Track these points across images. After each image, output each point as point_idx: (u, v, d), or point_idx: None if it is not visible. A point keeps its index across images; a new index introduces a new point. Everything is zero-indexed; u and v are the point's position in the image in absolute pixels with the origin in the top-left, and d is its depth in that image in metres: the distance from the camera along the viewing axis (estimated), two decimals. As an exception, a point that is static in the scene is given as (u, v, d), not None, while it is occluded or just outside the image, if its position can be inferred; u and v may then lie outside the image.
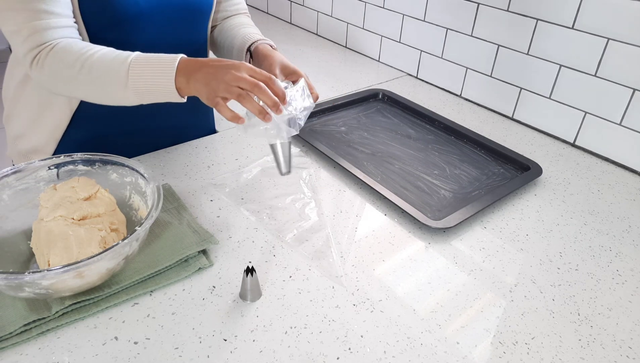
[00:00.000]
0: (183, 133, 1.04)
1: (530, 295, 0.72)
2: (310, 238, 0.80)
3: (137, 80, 0.73)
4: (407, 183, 0.96)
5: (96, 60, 0.73)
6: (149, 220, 0.65)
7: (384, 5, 1.46)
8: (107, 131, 0.93)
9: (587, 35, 1.04)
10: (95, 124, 0.91)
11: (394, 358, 0.62)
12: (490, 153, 1.06)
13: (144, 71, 0.73)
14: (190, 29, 0.93)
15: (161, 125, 0.98)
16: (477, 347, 0.64)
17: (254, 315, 0.66)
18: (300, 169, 0.97)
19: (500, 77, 1.24)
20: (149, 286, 0.68)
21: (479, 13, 1.22)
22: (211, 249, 0.76)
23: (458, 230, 0.84)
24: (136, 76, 0.72)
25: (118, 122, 0.92)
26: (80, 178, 0.74)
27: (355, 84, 1.38)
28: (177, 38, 0.91)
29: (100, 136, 0.92)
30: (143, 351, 0.61)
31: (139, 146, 0.98)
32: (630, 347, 0.65)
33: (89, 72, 0.73)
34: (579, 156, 1.10)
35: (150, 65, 0.73)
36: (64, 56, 0.73)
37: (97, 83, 0.74)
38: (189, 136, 1.05)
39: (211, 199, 0.87)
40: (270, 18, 1.93)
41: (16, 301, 0.63)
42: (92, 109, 0.89)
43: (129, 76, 0.72)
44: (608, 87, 1.04)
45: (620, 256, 0.81)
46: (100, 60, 0.73)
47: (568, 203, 0.93)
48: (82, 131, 0.91)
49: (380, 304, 0.69)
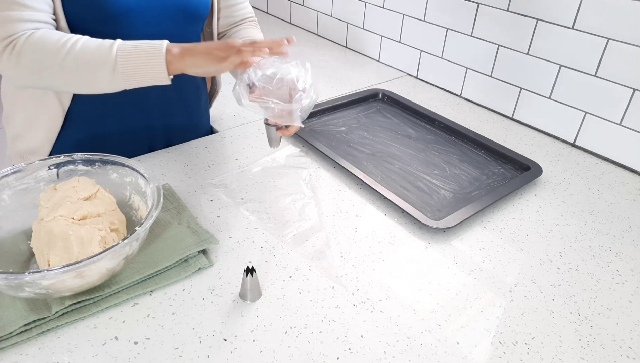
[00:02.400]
0: (177, 135, 1.03)
1: (530, 295, 0.72)
2: (310, 238, 0.80)
3: (126, 63, 0.73)
4: (407, 183, 0.96)
5: (80, 46, 0.73)
6: (149, 220, 0.65)
7: (384, 5, 1.46)
8: (101, 130, 0.92)
9: (587, 35, 1.04)
10: (89, 125, 0.91)
11: (394, 358, 0.62)
12: (490, 153, 1.06)
13: (132, 53, 0.73)
14: (181, 33, 0.90)
15: (155, 125, 0.98)
16: (477, 347, 0.64)
17: (254, 315, 0.66)
18: (300, 169, 0.98)
19: (500, 77, 1.24)
20: (149, 286, 0.68)
21: (479, 13, 1.22)
22: (211, 249, 0.76)
23: (458, 230, 0.84)
24: (125, 58, 0.73)
25: (112, 122, 0.92)
26: (81, 178, 0.74)
27: (355, 84, 1.38)
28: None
29: (95, 136, 0.92)
30: (143, 351, 0.61)
31: (134, 147, 0.97)
32: (630, 347, 0.65)
33: (74, 58, 0.73)
34: (579, 156, 1.10)
35: (137, 48, 0.74)
36: (45, 44, 0.72)
37: (83, 69, 0.74)
38: (183, 137, 1.04)
39: (211, 199, 0.87)
40: (270, 18, 1.93)
41: (16, 301, 0.63)
42: (85, 109, 0.88)
43: (116, 60, 0.72)
44: (608, 87, 1.04)
45: (620, 256, 0.81)
46: (85, 45, 0.73)
47: (568, 203, 0.93)
48: (76, 131, 0.91)
49: (380, 304, 0.69)
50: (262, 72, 0.75)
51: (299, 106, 0.75)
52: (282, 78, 0.75)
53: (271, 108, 0.75)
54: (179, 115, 1.00)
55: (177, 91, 0.92)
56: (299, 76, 0.76)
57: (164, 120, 0.98)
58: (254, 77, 0.75)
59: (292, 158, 1.01)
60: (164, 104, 0.90)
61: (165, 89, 0.82)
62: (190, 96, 1.01)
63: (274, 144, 0.85)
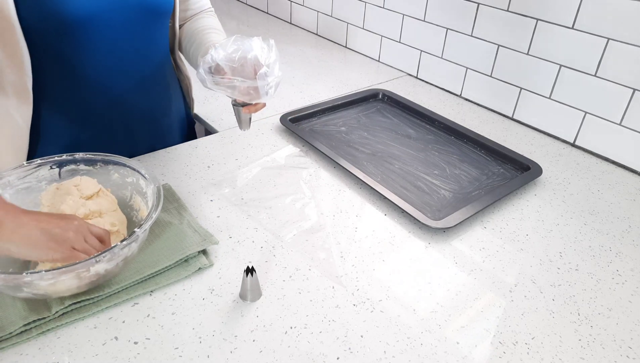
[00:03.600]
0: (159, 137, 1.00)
1: (530, 295, 0.72)
2: (310, 238, 0.80)
3: None
4: (407, 183, 0.96)
5: None
6: (147, 222, 0.65)
7: (384, 5, 1.46)
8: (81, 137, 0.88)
9: (587, 35, 1.04)
10: (62, 136, 0.86)
11: (394, 358, 0.62)
12: (490, 153, 1.06)
13: None
14: (149, 33, 0.87)
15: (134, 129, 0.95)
16: (477, 347, 0.64)
17: (254, 315, 0.66)
18: (300, 169, 0.98)
19: (500, 77, 1.24)
20: (149, 286, 0.68)
21: (479, 13, 1.22)
22: (211, 249, 0.76)
23: (458, 230, 0.84)
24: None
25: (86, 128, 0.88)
26: (82, 178, 0.74)
27: (355, 84, 1.38)
28: (135, 44, 0.86)
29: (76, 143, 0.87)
30: (143, 351, 0.61)
31: (116, 151, 0.91)
32: (630, 347, 0.65)
33: None
34: (579, 156, 1.10)
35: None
36: None
37: None
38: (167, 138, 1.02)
39: (211, 199, 0.87)
40: (270, 18, 1.93)
41: (16, 301, 0.63)
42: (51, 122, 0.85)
43: None
44: (608, 87, 1.04)
45: (620, 256, 0.81)
46: None
47: (568, 203, 0.93)
48: (51, 145, 0.86)
49: (380, 304, 0.69)
50: (224, 52, 0.74)
51: (264, 82, 0.74)
52: (244, 56, 0.74)
53: (237, 87, 0.74)
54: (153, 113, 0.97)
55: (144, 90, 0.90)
56: (262, 52, 0.75)
57: (139, 124, 0.95)
58: (217, 57, 0.74)
59: (292, 158, 1.01)
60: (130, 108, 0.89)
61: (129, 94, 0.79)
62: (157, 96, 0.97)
63: (243, 126, 0.84)
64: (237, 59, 0.74)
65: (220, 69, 0.75)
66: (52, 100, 0.83)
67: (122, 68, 0.86)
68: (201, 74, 0.75)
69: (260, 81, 0.73)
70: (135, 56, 0.87)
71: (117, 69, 0.85)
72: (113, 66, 0.84)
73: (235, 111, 0.82)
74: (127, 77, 0.87)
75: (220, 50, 0.74)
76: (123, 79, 0.87)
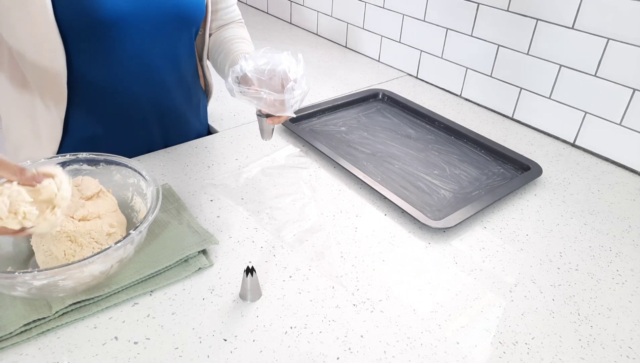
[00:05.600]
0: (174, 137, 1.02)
1: (530, 295, 0.72)
2: (310, 238, 0.80)
3: None
4: (407, 183, 0.96)
5: None
6: (143, 224, 0.64)
7: (384, 5, 1.46)
8: (99, 132, 0.91)
9: (587, 36, 1.04)
10: (86, 129, 0.89)
11: (394, 358, 0.62)
12: (490, 153, 1.06)
13: None
14: (177, 39, 0.90)
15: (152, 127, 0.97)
16: (477, 347, 0.64)
17: (254, 315, 0.66)
18: (300, 169, 0.98)
19: (500, 77, 1.24)
20: (149, 286, 0.68)
21: (479, 13, 1.22)
22: (211, 249, 0.76)
23: (458, 230, 0.84)
24: None
25: (110, 124, 0.91)
26: (84, 178, 0.74)
27: (355, 84, 1.38)
28: (164, 48, 0.88)
29: (93, 137, 0.90)
30: (143, 351, 0.61)
31: (134, 145, 0.96)
32: (630, 347, 0.65)
33: None
34: (579, 156, 1.10)
35: None
36: None
37: None
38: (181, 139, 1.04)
39: (211, 199, 0.87)
40: (270, 18, 1.93)
41: (16, 301, 0.63)
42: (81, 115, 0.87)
43: None
44: (608, 87, 1.04)
45: (620, 256, 0.81)
46: None
47: (568, 203, 0.93)
48: (72, 138, 0.89)
49: (380, 304, 0.69)
50: (254, 63, 0.75)
51: (291, 96, 0.74)
52: (273, 69, 0.75)
53: (263, 98, 0.75)
54: (173, 118, 0.99)
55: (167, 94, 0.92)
56: (290, 66, 0.76)
57: (160, 122, 0.97)
58: (246, 68, 0.75)
59: (292, 158, 1.01)
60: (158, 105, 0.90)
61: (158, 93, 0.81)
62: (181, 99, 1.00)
63: (266, 136, 0.85)
64: (267, 71, 0.75)
65: (248, 79, 0.75)
66: (81, 96, 0.85)
67: (147, 70, 0.88)
68: (229, 84, 0.76)
69: (287, 95, 0.74)
70: (162, 61, 0.89)
71: (142, 71, 0.87)
72: (139, 67, 0.86)
73: (259, 121, 0.83)
74: (151, 80, 0.89)
75: (251, 61, 0.75)
76: (147, 82, 0.89)
